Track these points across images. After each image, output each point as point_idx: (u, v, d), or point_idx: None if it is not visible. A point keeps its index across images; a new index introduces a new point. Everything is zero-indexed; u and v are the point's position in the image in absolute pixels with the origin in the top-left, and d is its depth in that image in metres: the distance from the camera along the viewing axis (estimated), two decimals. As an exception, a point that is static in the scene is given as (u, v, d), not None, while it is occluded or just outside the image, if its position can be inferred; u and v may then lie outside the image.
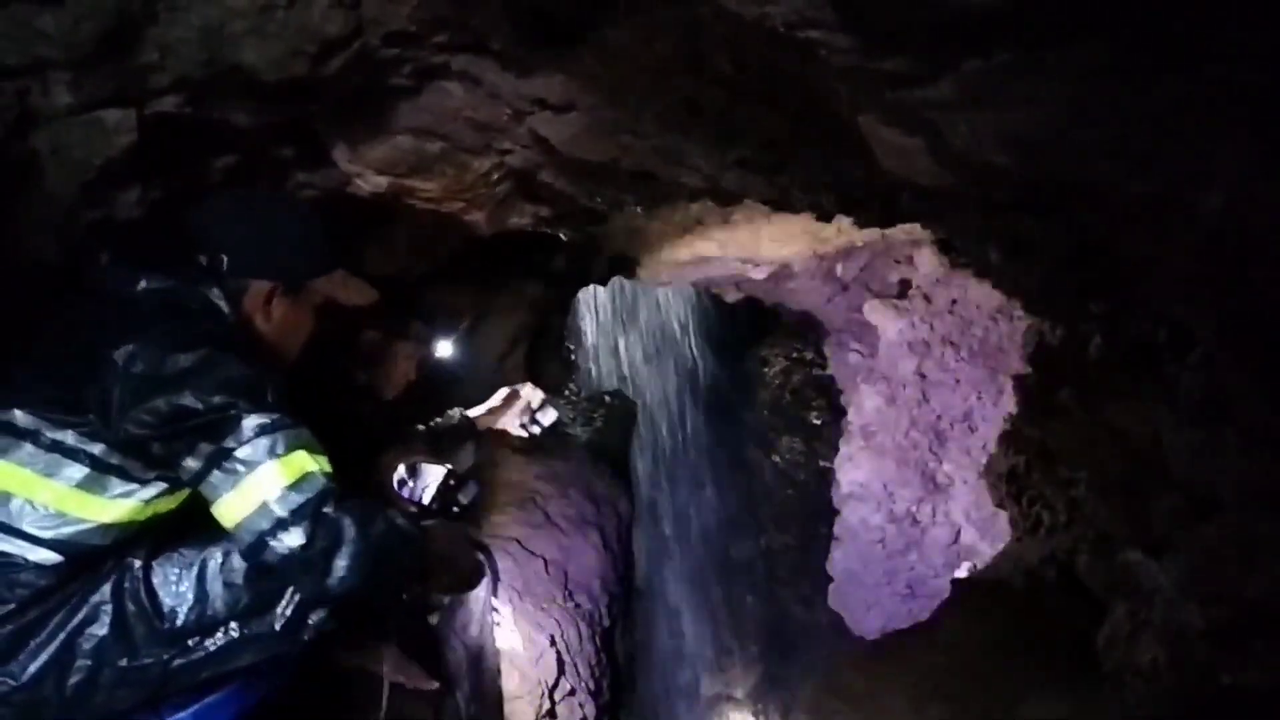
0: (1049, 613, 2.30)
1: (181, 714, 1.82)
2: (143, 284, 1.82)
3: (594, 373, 5.37)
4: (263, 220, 1.98)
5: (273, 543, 1.66)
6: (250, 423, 1.68)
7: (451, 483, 2.34)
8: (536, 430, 2.85)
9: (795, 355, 5.11)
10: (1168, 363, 1.96)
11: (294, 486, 1.67)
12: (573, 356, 5.36)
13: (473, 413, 2.86)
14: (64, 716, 1.71)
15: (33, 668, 1.64)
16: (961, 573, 3.05)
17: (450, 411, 2.82)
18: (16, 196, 1.96)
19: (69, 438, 1.68)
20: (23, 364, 1.76)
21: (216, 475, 1.67)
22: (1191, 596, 1.86)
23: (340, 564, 1.68)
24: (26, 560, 1.66)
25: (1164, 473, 1.95)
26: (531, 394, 2.87)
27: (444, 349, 3.13)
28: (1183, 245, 1.48)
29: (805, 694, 2.49)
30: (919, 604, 3.62)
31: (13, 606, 1.64)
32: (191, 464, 1.67)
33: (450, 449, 2.85)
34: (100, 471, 1.69)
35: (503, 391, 2.90)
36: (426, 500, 2.33)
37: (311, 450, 1.73)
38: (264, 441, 1.68)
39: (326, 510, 1.69)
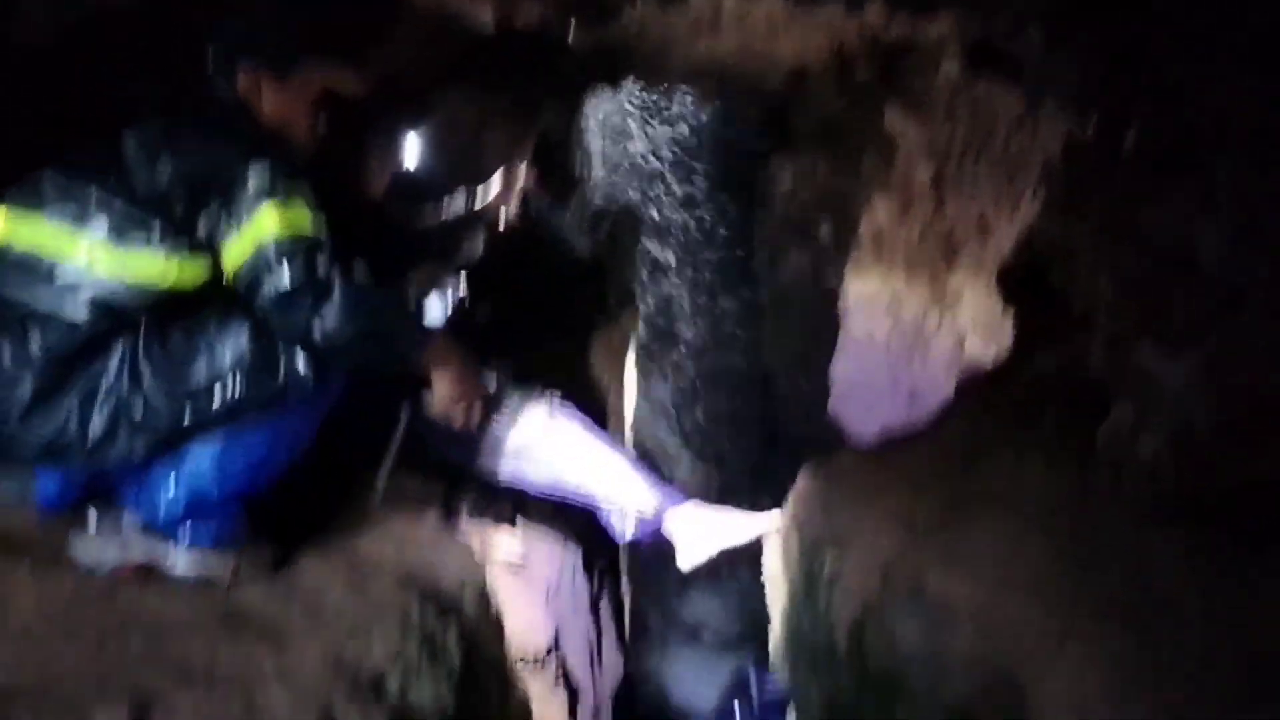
0: (1052, 412, 2.29)
1: (204, 479, 1.86)
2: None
3: (600, 183, 5.25)
4: (241, 6, 2.06)
5: (265, 282, 1.76)
6: (256, 176, 1.78)
7: (464, 300, 2.35)
8: (534, 214, 2.97)
9: (808, 165, 4.97)
10: (1207, 156, 1.89)
11: (290, 233, 1.78)
12: (579, 166, 5.23)
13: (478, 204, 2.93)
14: (88, 462, 1.80)
15: (57, 421, 1.73)
16: (964, 377, 3.04)
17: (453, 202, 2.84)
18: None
19: (92, 194, 1.74)
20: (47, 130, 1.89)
21: (223, 225, 1.77)
22: (1204, 393, 1.85)
23: (327, 312, 1.78)
24: (53, 317, 1.72)
25: (1190, 271, 1.91)
26: (529, 172, 2.94)
27: (413, 143, 3.15)
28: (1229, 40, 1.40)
29: (803, 481, 2.51)
30: (920, 412, 3.63)
31: (41, 365, 1.71)
32: (204, 220, 1.78)
33: (458, 241, 2.92)
34: (125, 228, 1.74)
35: (498, 174, 2.94)
36: (441, 315, 2.33)
37: (313, 210, 1.84)
38: (266, 191, 1.78)
39: (319, 261, 1.80)
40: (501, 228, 2.96)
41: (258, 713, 1.55)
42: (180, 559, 1.87)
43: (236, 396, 1.80)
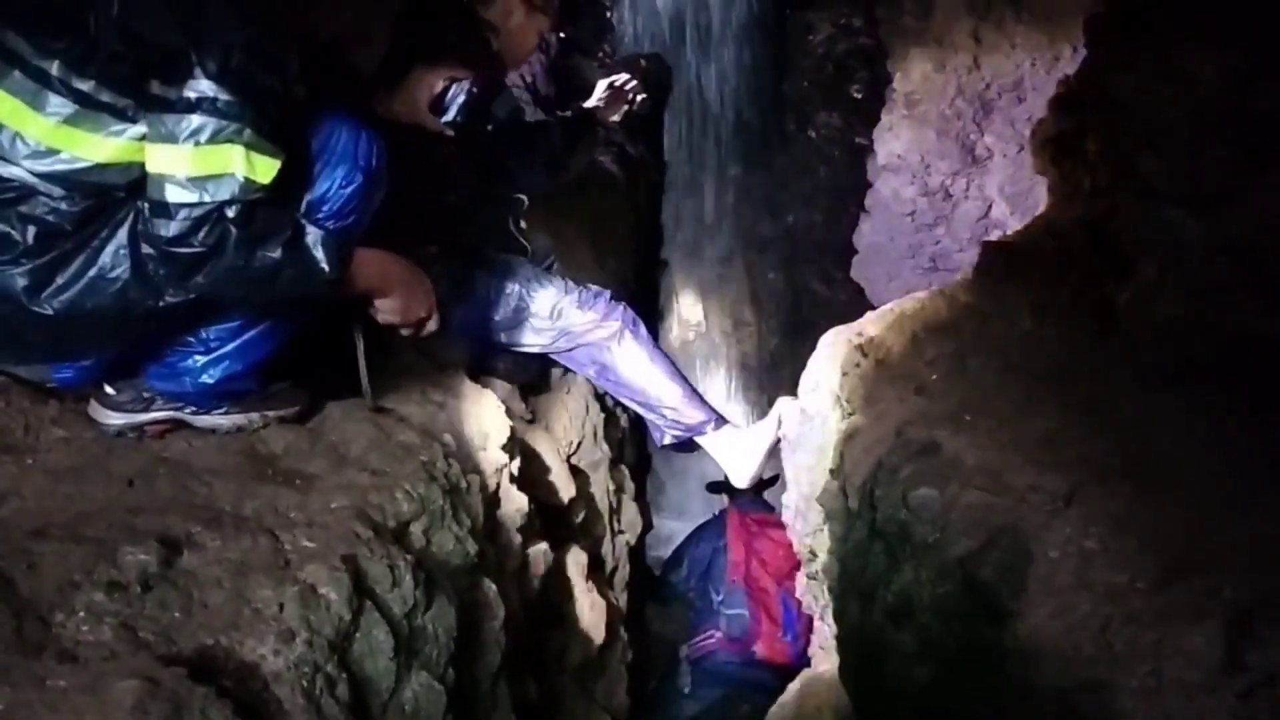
0: (1076, 274, 2.26)
1: (226, 348, 1.83)
2: None
3: (629, 33, 5.09)
4: None
5: (152, 219, 1.58)
6: (196, 87, 1.55)
7: (475, 91, 2.25)
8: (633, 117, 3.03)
9: (843, 21, 4.80)
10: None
11: (197, 181, 1.57)
12: (608, 14, 5.07)
13: (589, 105, 3.00)
14: (99, 345, 1.75)
15: (59, 303, 1.61)
16: (989, 239, 3.00)
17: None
18: None
19: (55, 68, 1.54)
20: None
21: (152, 117, 1.57)
22: (1228, 251, 1.82)
23: (203, 271, 1.61)
24: (35, 191, 1.57)
25: (1233, 119, 1.85)
26: (630, 82, 2.98)
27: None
28: None
29: (822, 346, 2.52)
30: (941, 277, 3.61)
31: (30, 244, 1.58)
32: (149, 94, 1.57)
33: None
34: (90, 109, 1.56)
35: (603, 83, 3.00)
36: (452, 115, 2.25)
37: (253, 149, 1.59)
38: (194, 120, 1.55)
39: (221, 216, 1.59)
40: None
41: (284, 556, 1.60)
42: (208, 417, 1.90)
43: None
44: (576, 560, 2.63)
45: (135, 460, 1.77)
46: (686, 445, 2.84)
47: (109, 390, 1.84)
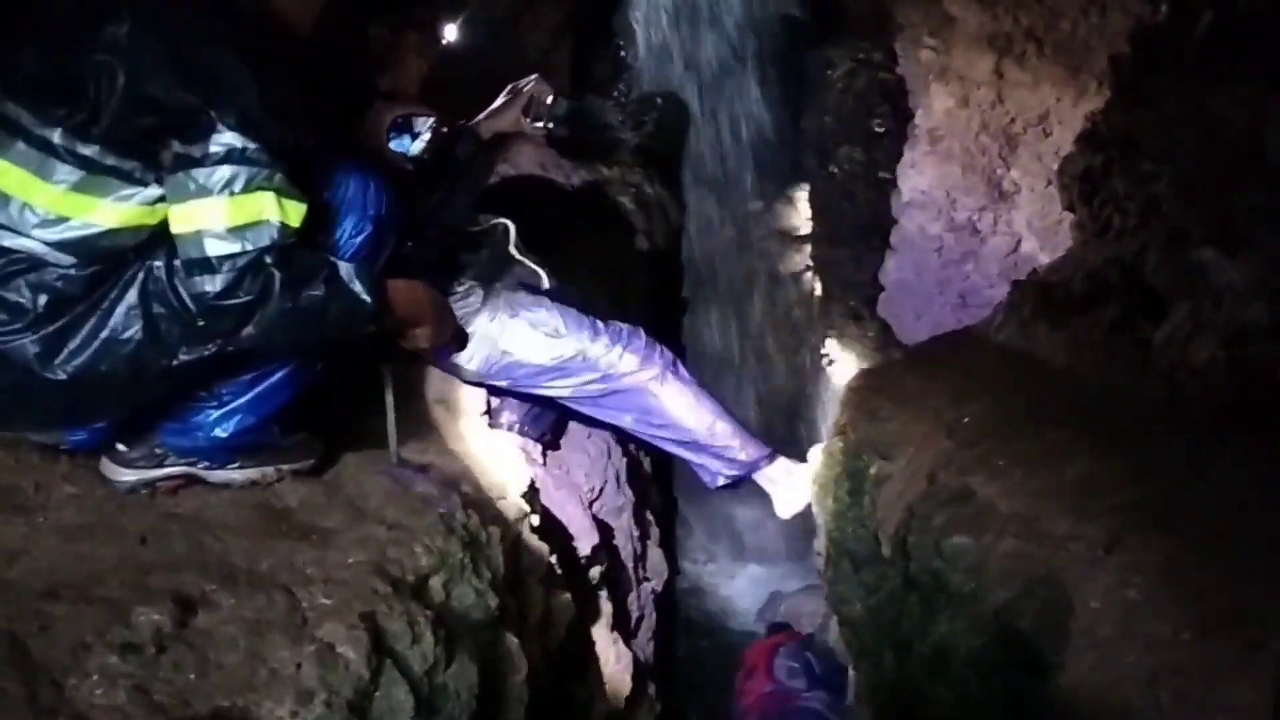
0: (1107, 315, 2.21)
1: (239, 401, 1.80)
2: None
3: (645, 72, 5.11)
4: None
5: (194, 274, 1.57)
6: (221, 140, 1.55)
7: (444, 131, 2.21)
8: (552, 125, 2.57)
9: (862, 56, 4.80)
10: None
11: (237, 231, 1.56)
12: (623, 54, 5.09)
13: (475, 120, 2.58)
14: (113, 408, 1.72)
15: (72, 368, 1.59)
16: (1019, 278, 2.95)
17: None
18: None
19: (57, 136, 1.53)
20: (18, 45, 1.60)
21: (178, 178, 1.56)
22: (1262, 295, 1.78)
23: (254, 320, 1.61)
24: (44, 261, 1.56)
25: (1257, 163, 1.81)
26: (537, 86, 2.57)
27: (452, 33, 2.84)
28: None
29: (850, 390, 2.47)
30: (970, 314, 3.56)
31: (41, 311, 1.56)
32: (164, 159, 1.57)
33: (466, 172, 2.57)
34: (96, 174, 1.55)
35: (504, 92, 2.60)
36: (416, 152, 2.21)
37: (283, 194, 1.60)
38: (225, 171, 1.55)
39: (262, 263, 1.58)
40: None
41: (301, 614, 1.56)
42: (221, 472, 1.87)
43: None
44: (601, 611, 2.57)
45: (148, 517, 1.74)
46: (734, 484, 2.70)
47: (121, 447, 1.81)
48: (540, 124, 2.56)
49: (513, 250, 2.55)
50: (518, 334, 2.40)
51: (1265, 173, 1.83)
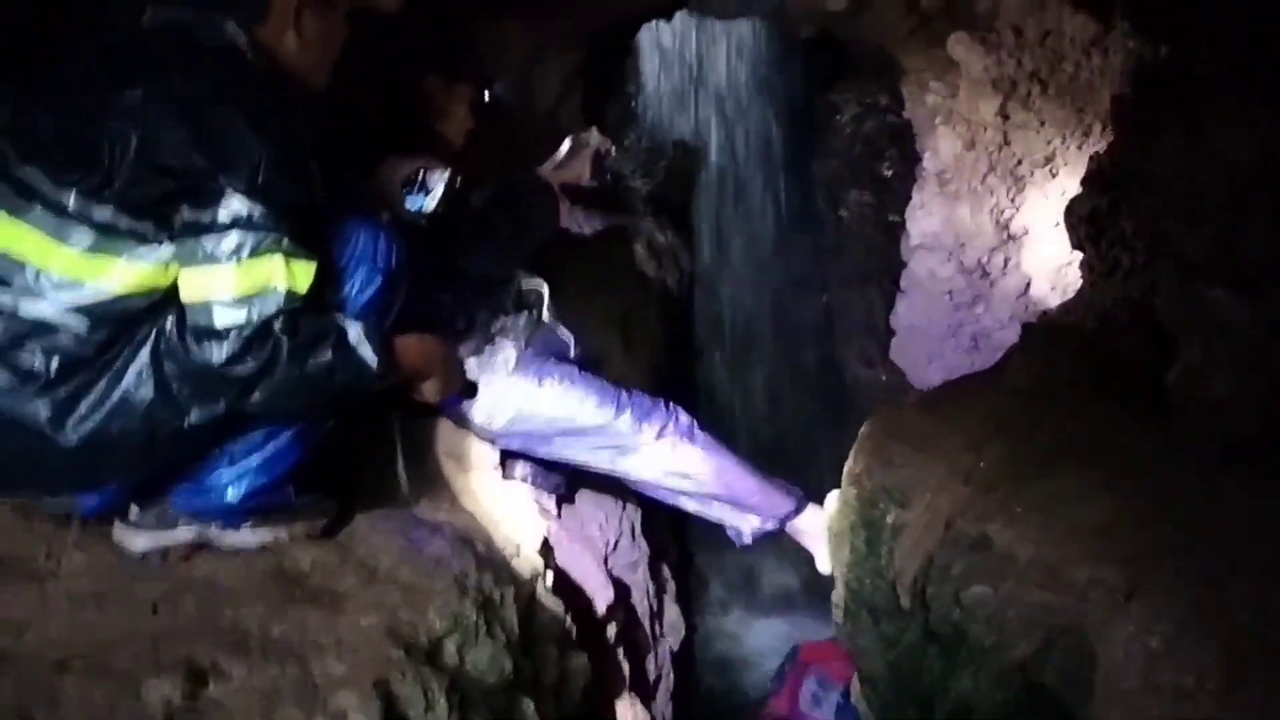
0: (1119, 354, 2.20)
1: (251, 461, 1.80)
2: (149, 14, 1.65)
3: (656, 120, 5.14)
4: None
5: (201, 339, 1.58)
6: (230, 206, 1.56)
7: (458, 183, 2.21)
8: (607, 179, 2.68)
9: (869, 100, 4.82)
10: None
11: (244, 299, 1.57)
12: (633, 103, 5.13)
13: (542, 168, 2.66)
14: (125, 471, 1.72)
15: (84, 430, 1.60)
16: (1030, 320, 2.94)
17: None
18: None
19: (71, 200, 1.56)
20: (34, 109, 1.63)
21: (187, 244, 1.58)
22: (1274, 330, 1.76)
23: (260, 387, 1.62)
24: (57, 326, 1.57)
25: (1266, 198, 1.81)
26: (599, 139, 2.66)
27: (499, 90, 2.88)
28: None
29: (864, 436, 2.45)
30: (983, 357, 3.53)
31: (53, 375, 1.58)
32: (174, 223, 1.59)
33: (528, 210, 2.64)
34: (110, 237, 1.57)
35: (567, 141, 2.67)
36: (431, 208, 2.20)
37: (291, 257, 1.61)
38: (233, 238, 1.56)
39: (269, 331, 1.60)
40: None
41: (313, 682, 1.55)
42: (234, 535, 1.86)
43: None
44: (618, 672, 2.54)
45: (159, 584, 1.74)
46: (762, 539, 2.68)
47: (133, 511, 1.81)
48: (601, 177, 2.65)
49: (545, 315, 2.57)
50: (543, 399, 2.39)
51: (1274, 207, 1.82)
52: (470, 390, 2.33)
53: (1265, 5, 1.91)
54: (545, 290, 2.58)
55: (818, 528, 2.60)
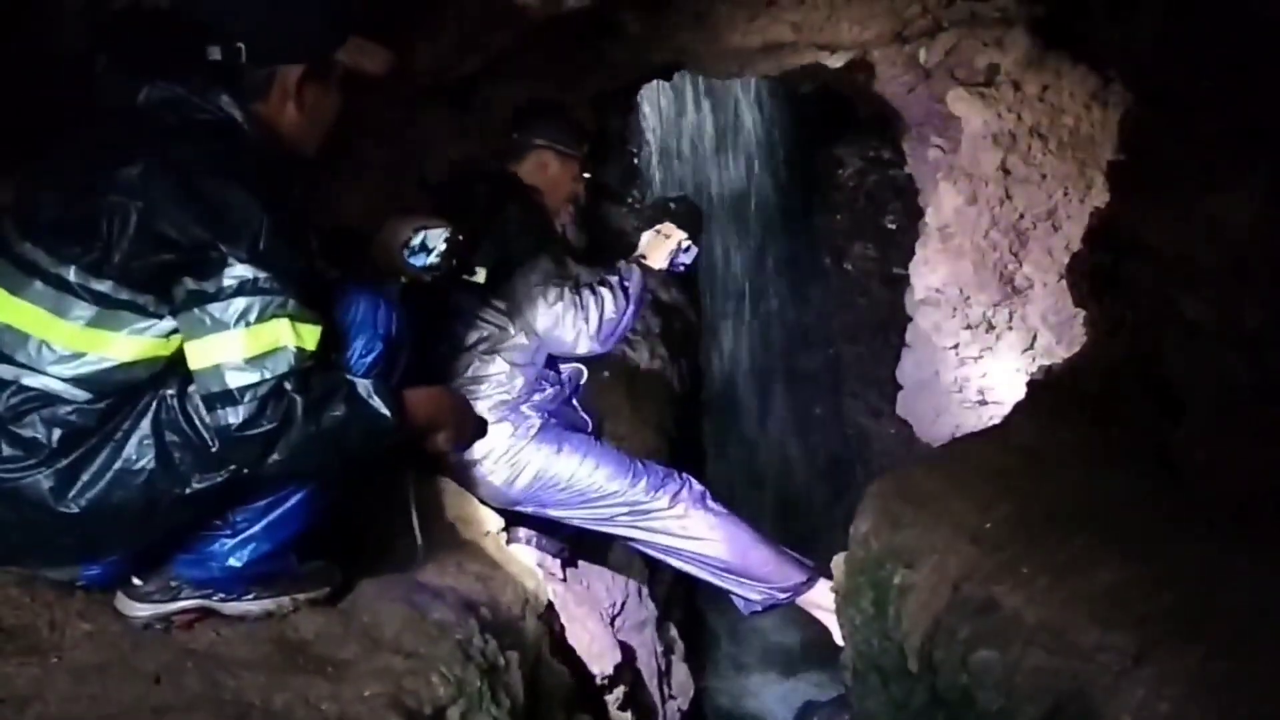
0: (1126, 413, 2.19)
1: (254, 528, 1.79)
2: (144, 93, 1.67)
3: (658, 177, 5.20)
4: None
5: (216, 405, 1.59)
6: (233, 274, 1.57)
7: (460, 239, 2.23)
8: (680, 269, 2.73)
9: (871, 155, 4.89)
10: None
11: (255, 360, 1.58)
12: (635, 160, 5.19)
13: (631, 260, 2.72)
14: (127, 540, 1.72)
15: (86, 500, 1.60)
16: (1036, 376, 2.93)
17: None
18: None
19: (71, 274, 1.57)
20: (37, 190, 1.66)
21: (193, 315, 1.59)
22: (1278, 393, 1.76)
23: (279, 447, 1.62)
24: (59, 398, 1.59)
25: (1264, 263, 1.81)
26: (677, 232, 2.73)
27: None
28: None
29: (872, 496, 2.44)
30: (990, 412, 3.54)
31: (55, 446, 1.58)
32: (176, 295, 1.60)
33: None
34: (111, 309, 1.59)
35: (649, 233, 2.76)
36: (433, 263, 2.22)
37: (297, 319, 1.62)
38: (239, 303, 1.57)
39: (282, 389, 1.60)
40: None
41: (315, 752, 1.53)
42: (236, 604, 1.86)
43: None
44: (626, 728, 2.51)
45: (162, 654, 1.72)
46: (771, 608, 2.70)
47: (135, 581, 1.80)
48: (675, 268, 2.71)
49: (576, 400, 2.67)
50: (562, 463, 2.49)
51: (1274, 270, 1.82)
52: (480, 431, 2.37)
53: (1263, 60, 1.92)
54: (585, 373, 2.70)
55: (830, 600, 2.60)
